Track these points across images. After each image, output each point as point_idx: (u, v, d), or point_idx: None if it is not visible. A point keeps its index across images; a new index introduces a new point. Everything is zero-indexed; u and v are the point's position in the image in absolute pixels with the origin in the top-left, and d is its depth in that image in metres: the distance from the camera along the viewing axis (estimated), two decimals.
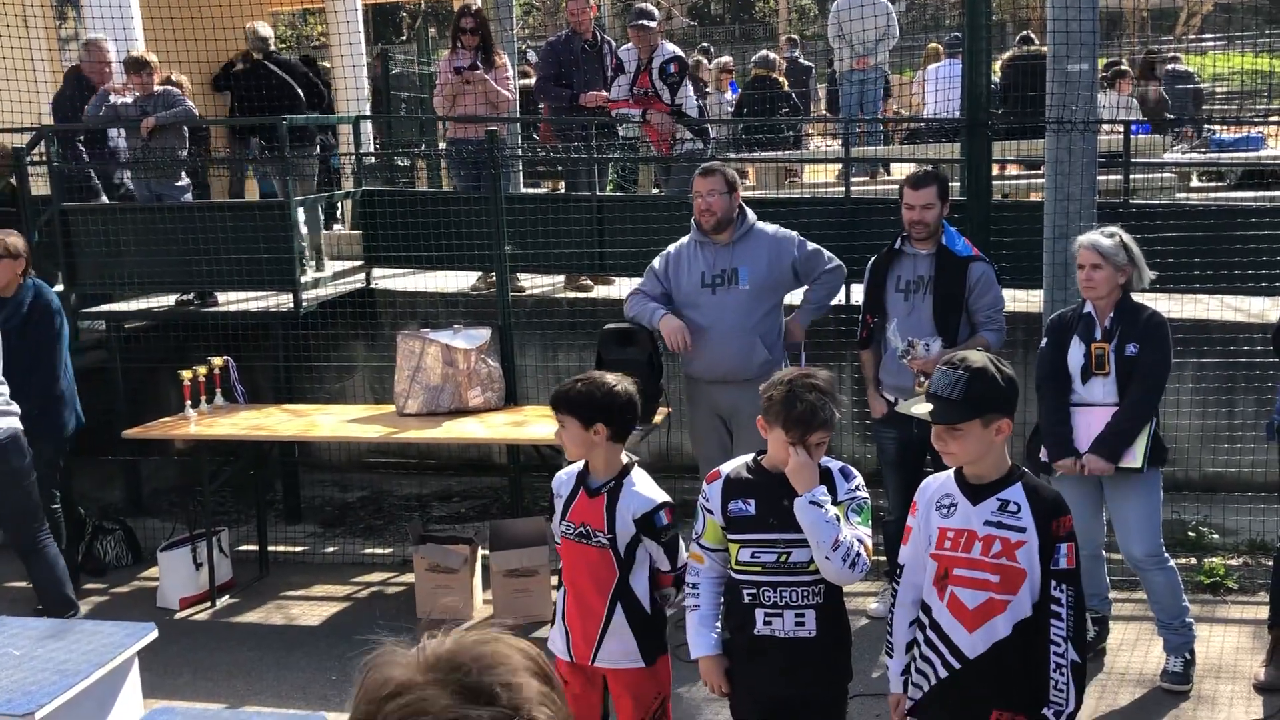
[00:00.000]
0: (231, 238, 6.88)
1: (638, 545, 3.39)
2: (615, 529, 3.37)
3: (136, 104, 7.56)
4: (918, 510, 3.14)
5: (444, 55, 8.22)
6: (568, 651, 3.47)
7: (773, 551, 3.15)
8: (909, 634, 3.11)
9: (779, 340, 5.23)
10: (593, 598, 3.40)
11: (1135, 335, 4.55)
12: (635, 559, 3.40)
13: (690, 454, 6.52)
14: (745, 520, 3.18)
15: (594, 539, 3.38)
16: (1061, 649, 2.92)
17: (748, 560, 3.19)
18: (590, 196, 7.28)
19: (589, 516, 3.40)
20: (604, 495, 3.40)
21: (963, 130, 6.01)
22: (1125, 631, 5.16)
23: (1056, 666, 2.92)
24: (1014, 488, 2.99)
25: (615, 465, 3.43)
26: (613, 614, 3.40)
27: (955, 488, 3.06)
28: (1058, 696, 2.92)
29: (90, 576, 6.42)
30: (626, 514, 3.37)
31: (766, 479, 3.18)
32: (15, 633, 4.06)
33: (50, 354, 5.73)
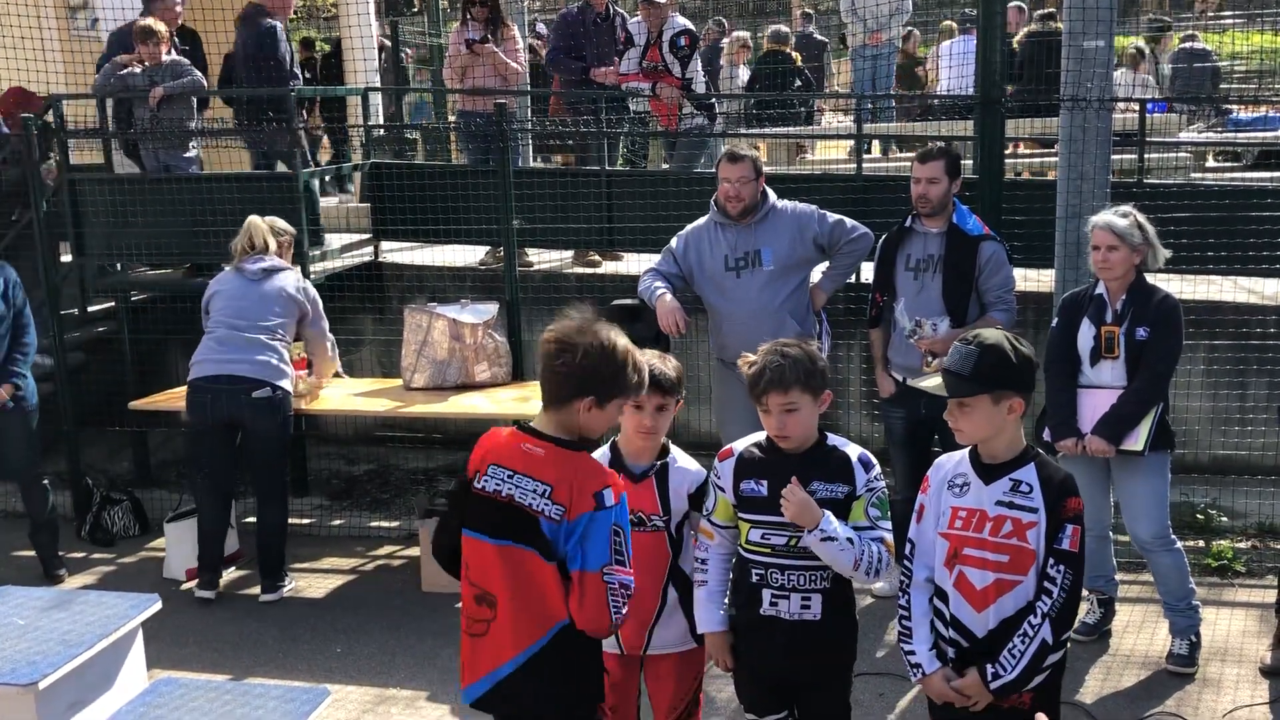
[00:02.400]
0: (240, 209, 6.85)
1: (685, 523, 3.36)
2: (670, 509, 3.32)
3: (145, 74, 7.53)
4: (930, 488, 3.11)
5: (454, 27, 8.17)
6: (617, 643, 3.36)
7: (783, 535, 3.13)
8: (929, 613, 3.07)
9: (809, 314, 5.18)
10: (646, 585, 3.28)
11: (1147, 319, 4.51)
12: (684, 537, 3.37)
13: (698, 430, 6.53)
14: (757, 501, 3.16)
15: (649, 524, 3.31)
16: (1037, 622, 2.91)
17: (758, 541, 3.17)
18: (599, 171, 7.24)
19: (640, 502, 3.29)
20: (651, 478, 3.33)
21: (976, 107, 5.94)
22: (1131, 613, 5.14)
23: (1023, 635, 2.92)
24: (1027, 468, 2.98)
25: (656, 446, 3.37)
26: (666, 598, 3.34)
27: (969, 467, 3.04)
28: (1005, 661, 2.92)
29: (97, 547, 6.45)
30: (681, 491, 3.33)
31: (780, 459, 3.14)
32: (20, 602, 4.08)
33: (28, 323, 5.77)
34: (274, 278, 5.61)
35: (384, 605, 5.54)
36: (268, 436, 5.53)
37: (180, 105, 7.56)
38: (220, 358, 5.47)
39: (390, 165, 7.76)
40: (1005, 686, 2.93)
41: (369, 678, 4.85)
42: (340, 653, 5.09)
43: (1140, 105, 7.54)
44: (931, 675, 3.05)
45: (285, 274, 5.69)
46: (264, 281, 5.58)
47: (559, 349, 2.87)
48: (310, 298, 5.71)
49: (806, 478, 3.09)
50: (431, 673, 4.84)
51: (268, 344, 5.49)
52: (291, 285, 5.64)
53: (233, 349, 5.47)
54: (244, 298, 5.56)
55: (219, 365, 5.47)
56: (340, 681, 4.78)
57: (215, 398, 5.46)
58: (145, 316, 7.50)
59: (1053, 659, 2.96)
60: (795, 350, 3.13)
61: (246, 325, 5.49)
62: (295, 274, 5.78)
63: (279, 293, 5.57)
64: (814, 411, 3.13)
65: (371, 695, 4.70)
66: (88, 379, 7.33)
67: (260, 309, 5.53)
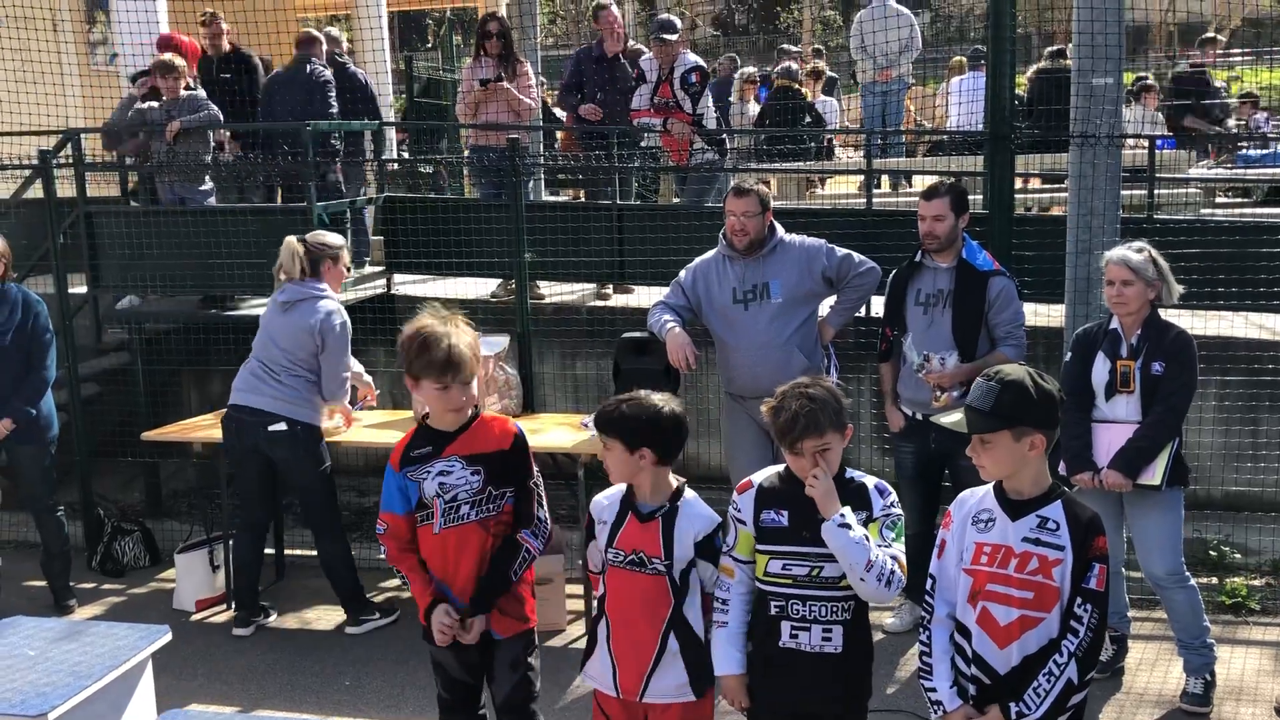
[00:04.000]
0: (254, 242, 6.91)
1: (691, 570, 3.30)
2: (673, 555, 3.27)
3: (163, 107, 7.62)
4: (952, 524, 3.10)
5: (467, 63, 8.26)
6: (614, 686, 3.34)
7: (805, 565, 3.11)
8: (950, 649, 3.05)
9: (816, 347, 5.19)
10: (644, 628, 3.28)
11: (1161, 353, 4.51)
12: (689, 585, 3.31)
13: (707, 463, 6.52)
14: (777, 531, 3.15)
15: (649, 566, 3.28)
16: (1063, 661, 2.89)
17: (778, 572, 3.15)
18: (610, 205, 7.29)
19: (642, 543, 3.28)
20: (658, 520, 3.30)
21: (985, 143, 5.97)
22: (1144, 651, 5.10)
23: (1048, 674, 2.90)
24: (1054, 505, 2.97)
25: (665, 488, 3.33)
26: (665, 645, 3.28)
27: (995, 503, 3.03)
28: (1030, 700, 2.90)
29: (108, 577, 6.46)
30: (687, 537, 3.28)
31: (799, 490, 3.13)
32: (30, 632, 4.08)
33: (44, 357, 5.75)
34: (296, 309, 5.49)
35: (392, 638, 5.53)
36: (295, 470, 5.52)
37: (197, 139, 7.64)
38: (246, 387, 5.51)
39: (403, 199, 7.82)
40: None
41: (377, 711, 4.83)
42: (348, 685, 5.08)
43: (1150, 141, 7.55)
44: (953, 713, 3.02)
45: (310, 305, 5.47)
46: (287, 314, 5.52)
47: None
48: (326, 329, 5.47)
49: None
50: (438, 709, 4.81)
51: (289, 379, 5.46)
52: (311, 318, 5.46)
53: (257, 380, 5.49)
54: (270, 329, 5.56)
55: (244, 395, 5.50)
56: (348, 715, 4.77)
57: (240, 426, 5.49)
58: (158, 347, 7.54)
59: (1076, 699, 2.93)
60: (819, 390, 3.12)
61: (269, 359, 5.50)
62: (323, 304, 5.49)
63: (297, 327, 5.49)
64: (842, 447, 3.13)
65: None
66: (101, 409, 7.37)
67: (283, 343, 5.50)
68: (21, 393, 5.65)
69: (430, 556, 3.57)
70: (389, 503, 3.58)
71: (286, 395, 5.46)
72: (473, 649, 3.61)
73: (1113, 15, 5.31)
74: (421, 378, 3.48)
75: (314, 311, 5.47)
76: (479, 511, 3.53)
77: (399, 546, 3.60)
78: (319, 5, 15.70)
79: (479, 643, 3.60)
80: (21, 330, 5.66)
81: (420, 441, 3.57)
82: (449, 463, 3.52)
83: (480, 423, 3.60)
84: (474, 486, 3.52)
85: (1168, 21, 20.40)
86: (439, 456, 3.53)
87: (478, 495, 3.52)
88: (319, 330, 5.47)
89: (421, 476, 3.52)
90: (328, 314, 5.48)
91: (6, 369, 5.63)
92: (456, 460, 3.52)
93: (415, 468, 3.54)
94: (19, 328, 5.65)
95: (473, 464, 3.52)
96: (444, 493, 3.51)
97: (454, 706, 3.74)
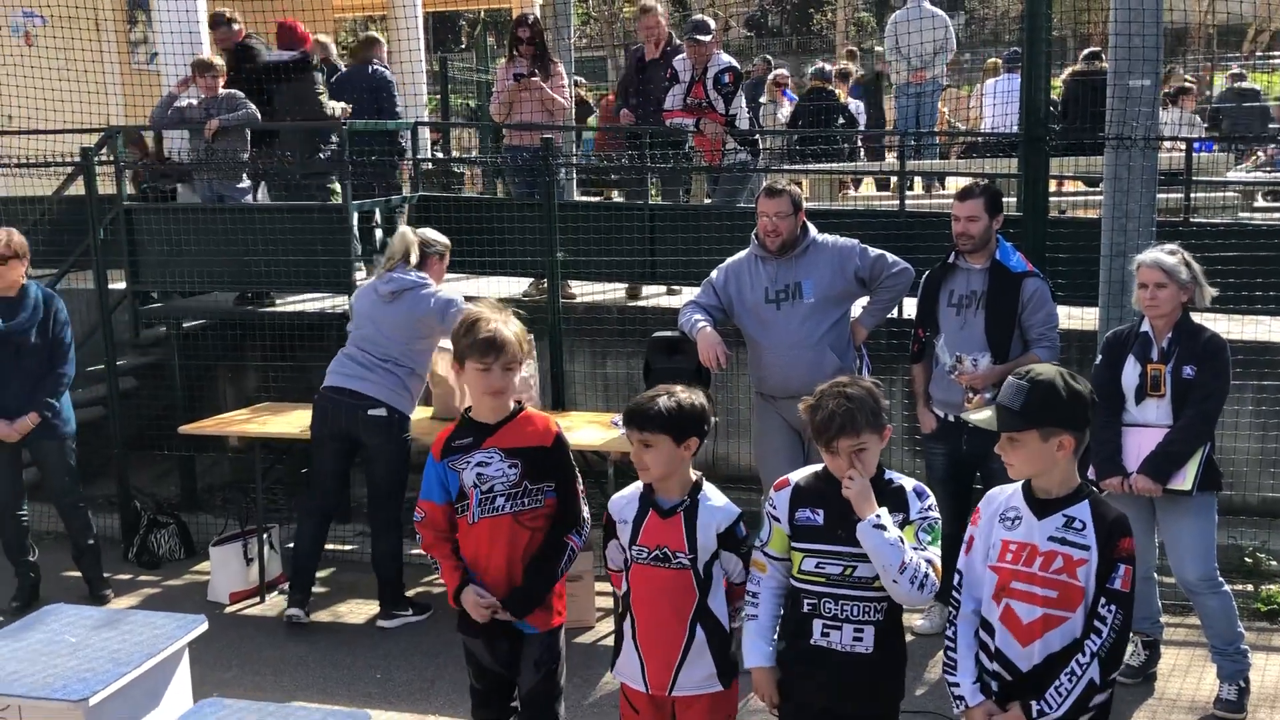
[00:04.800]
0: (290, 240, 7.00)
1: (714, 562, 3.33)
2: (697, 548, 3.30)
3: (201, 105, 7.72)
4: (980, 520, 3.11)
5: (501, 63, 8.31)
6: (642, 682, 3.36)
7: (838, 564, 3.13)
8: (974, 645, 3.06)
9: (849, 348, 5.18)
10: (671, 623, 3.31)
11: (1193, 357, 4.48)
12: (713, 577, 3.34)
13: (737, 464, 6.53)
14: (812, 530, 3.16)
15: (673, 561, 3.31)
16: (1086, 661, 2.89)
17: (812, 570, 3.16)
18: (642, 205, 7.32)
19: (666, 538, 3.32)
20: (680, 514, 3.32)
21: (1020, 145, 5.95)
22: (1177, 657, 5.06)
23: (1071, 674, 2.90)
24: (1080, 505, 2.97)
25: (687, 482, 3.37)
26: (693, 638, 3.31)
27: (1022, 501, 3.03)
28: (1051, 698, 2.90)
29: (144, 569, 6.55)
30: (709, 530, 3.31)
31: (835, 489, 3.14)
32: (71, 620, 4.16)
33: (65, 354, 5.84)
34: (403, 299, 5.50)
35: (423, 633, 5.57)
36: (381, 457, 5.55)
37: (235, 137, 7.73)
38: (346, 371, 5.54)
39: (437, 198, 7.88)
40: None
41: (408, 703, 4.88)
42: (380, 678, 5.13)
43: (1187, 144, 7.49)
44: (975, 708, 3.03)
45: (415, 295, 5.51)
46: (392, 304, 5.52)
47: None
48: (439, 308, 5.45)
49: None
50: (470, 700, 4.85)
51: (393, 367, 5.51)
52: (421, 307, 5.48)
53: (359, 366, 5.53)
54: (374, 321, 5.57)
55: (343, 378, 5.53)
56: (380, 707, 4.82)
57: (335, 408, 5.52)
58: (195, 343, 7.64)
59: (1098, 700, 2.94)
60: (858, 390, 3.12)
61: (374, 348, 5.53)
62: (428, 291, 5.52)
63: (406, 316, 5.50)
64: (879, 448, 3.14)
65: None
66: (138, 403, 7.48)
67: (388, 334, 5.52)
68: (44, 388, 5.74)
69: (465, 547, 3.61)
70: (428, 491, 3.62)
71: (389, 383, 5.51)
72: (504, 640, 3.65)
73: (1150, 16, 5.28)
74: (466, 357, 3.53)
75: (424, 300, 5.51)
76: (514, 505, 3.56)
77: (435, 534, 3.64)
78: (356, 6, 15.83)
79: (510, 635, 3.64)
80: (43, 327, 5.75)
81: (462, 432, 3.61)
82: (488, 454, 3.56)
83: (523, 417, 3.64)
84: (510, 479, 3.55)
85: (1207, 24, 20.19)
86: (479, 448, 3.57)
87: (514, 488, 3.56)
88: (435, 311, 5.46)
89: (461, 466, 3.57)
90: (446, 302, 5.50)
91: (30, 365, 5.72)
92: (496, 452, 3.56)
93: (455, 458, 3.58)
94: (40, 325, 5.74)
95: (511, 457, 3.56)
96: (481, 483, 3.55)
97: (486, 697, 3.78)
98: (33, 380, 5.72)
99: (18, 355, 5.70)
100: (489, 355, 3.50)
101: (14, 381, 5.69)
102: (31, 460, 5.96)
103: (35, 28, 9.38)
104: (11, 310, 5.72)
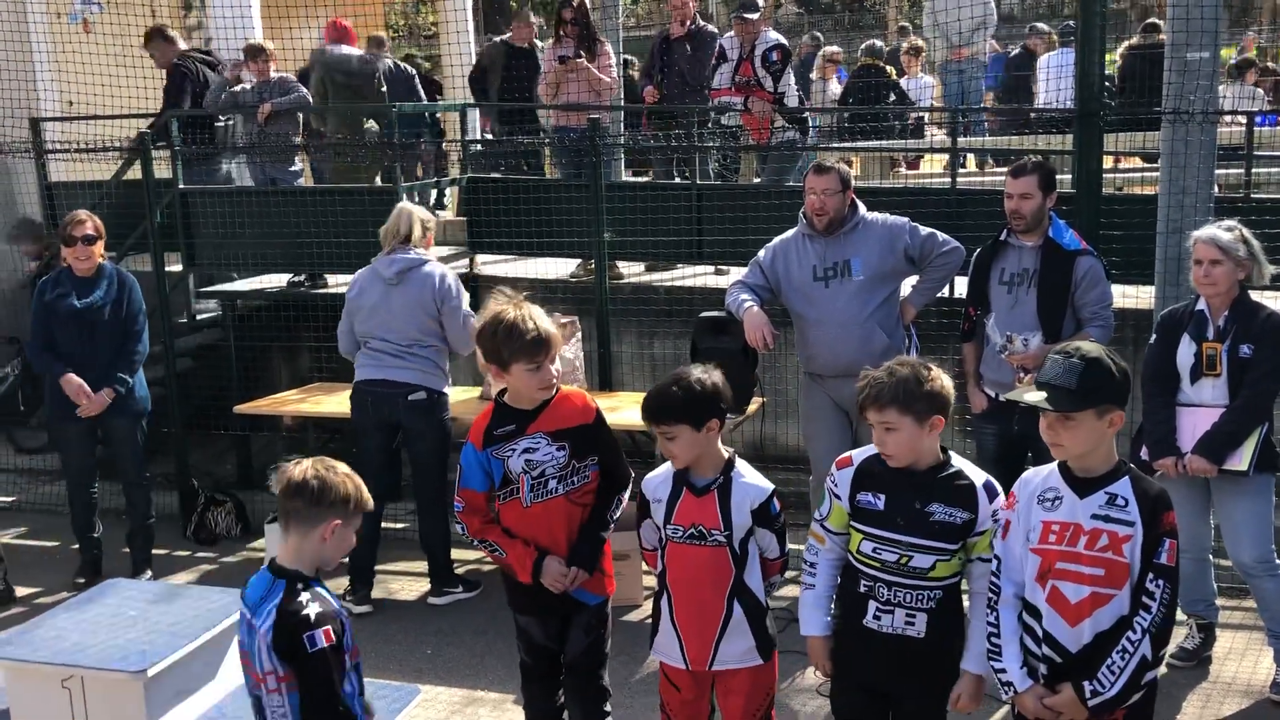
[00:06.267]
0: (341, 222, 7.08)
1: (749, 538, 3.36)
2: (732, 524, 3.32)
3: (255, 90, 7.82)
4: (1017, 504, 3.07)
5: (548, 44, 8.33)
6: (682, 658, 3.40)
7: (894, 551, 3.11)
8: (1018, 629, 3.03)
9: (898, 326, 5.14)
10: (709, 599, 3.34)
11: (1251, 336, 4.40)
12: (748, 553, 3.36)
13: (785, 443, 6.51)
14: (872, 514, 3.16)
15: (709, 538, 3.33)
16: (1137, 638, 2.86)
17: (869, 553, 3.16)
18: (689, 185, 7.30)
19: (701, 516, 3.34)
20: (714, 492, 3.35)
21: (1074, 120, 5.85)
22: (1233, 640, 4.99)
23: (1122, 650, 2.87)
24: (1121, 481, 2.94)
25: (719, 460, 3.38)
26: (731, 613, 3.33)
27: (1060, 481, 3.00)
28: (1105, 677, 2.87)
29: (202, 546, 6.69)
30: (743, 506, 3.33)
31: (898, 474, 3.13)
32: (130, 594, 4.27)
33: (139, 332, 5.99)
34: (409, 280, 5.54)
35: (473, 610, 5.64)
36: (424, 439, 5.63)
37: (287, 121, 7.83)
38: (376, 364, 5.59)
39: (486, 179, 7.92)
40: (1103, 704, 2.88)
41: (458, 679, 4.95)
42: (430, 654, 5.20)
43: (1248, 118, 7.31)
44: (1024, 693, 3.00)
45: (418, 274, 5.56)
46: (401, 286, 5.55)
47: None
48: (444, 294, 5.56)
49: (926, 499, 3.10)
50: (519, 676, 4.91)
51: (420, 350, 5.57)
52: (424, 287, 5.54)
53: (387, 356, 5.57)
54: (387, 309, 5.56)
55: (378, 370, 5.58)
56: (430, 682, 4.89)
57: (376, 400, 5.60)
58: (250, 324, 7.77)
59: (1150, 676, 2.91)
60: (905, 370, 3.11)
61: (396, 336, 5.56)
62: (429, 269, 5.60)
63: (414, 300, 5.54)
64: (918, 433, 3.09)
65: (460, 696, 4.80)
66: (195, 384, 7.62)
67: (404, 319, 5.55)
68: (118, 365, 5.88)
69: (521, 531, 3.63)
70: (469, 479, 3.65)
71: (422, 366, 5.57)
72: (556, 616, 3.70)
73: None
74: (514, 362, 3.53)
75: (427, 279, 5.56)
76: (565, 485, 3.61)
77: (482, 520, 3.68)
78: None
79: (562, 609, 3.68)
80: (118, 306, 5.90)
81: (502, 420, 3.62)
82: (534, 440, 3.58)
83: (561, 398, 3.66)
84: (560, 461, 3.59)
85: None
86: (523, 434, 3.59)
87: (564, 470, 3.59)
88: (437, 295, 5.55)
89: (506, 454, 3.59)
90: (440, 277, 5.58)
91: (106, 343, 5.87)
92: (542, 437, 3.58)
93: (499, 446, 3.60)
94: (115, 304, 5.88)
95: (558, 439, 3.59)
96: (530, 469, 3.58)
97: (536, 671, 3.83)
98: (108, 358, 5.87)
99: (93, 333, 5.86)
100: (539, 354, 3.52)
101: (91, 359, 5.85)
102: (102, 437, 6.10)
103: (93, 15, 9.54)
104: (89, 289, 5.87)
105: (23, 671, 3.80)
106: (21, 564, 6.36)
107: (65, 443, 6.09)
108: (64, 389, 5.79)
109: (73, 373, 5.79)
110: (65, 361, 5.83)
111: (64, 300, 5.82)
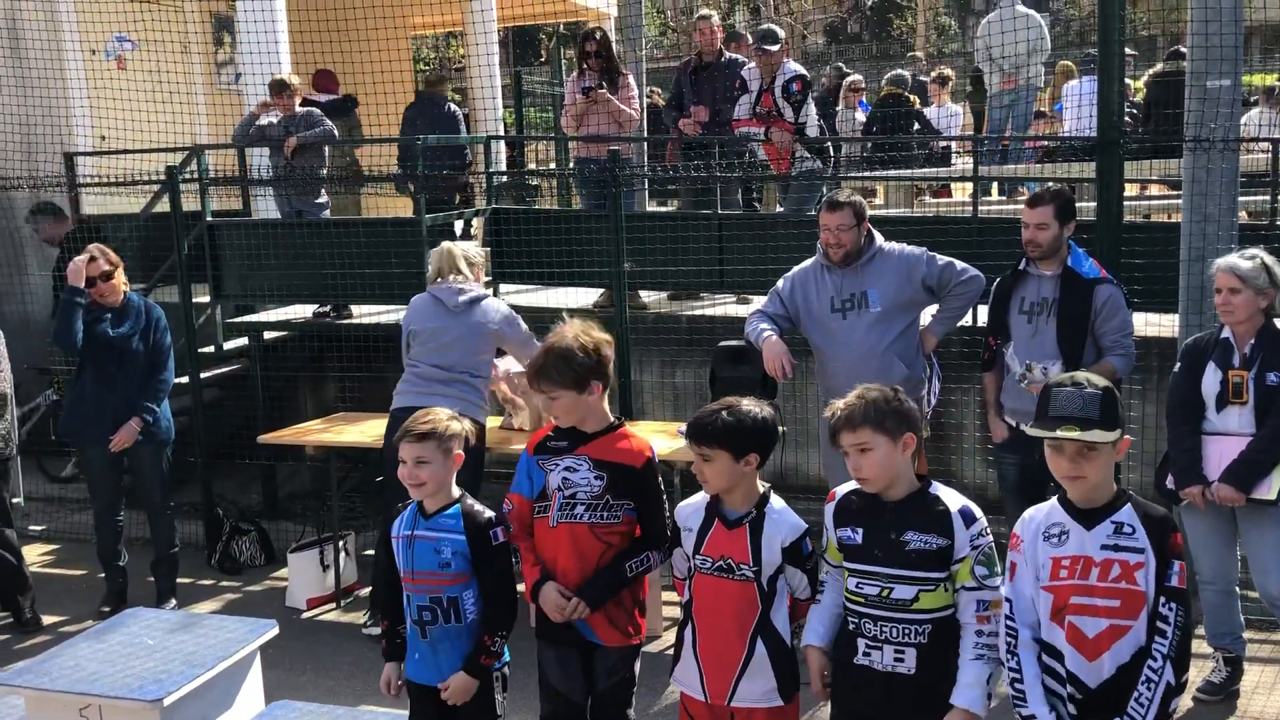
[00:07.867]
0: (366, 253, 7.15)
1: (778, 576, 3.31)
2: (761, 560, 3.28)
3: (281, 124, 7.93)
4: (1022, 544, 3.02)
5: (571, 76, 8.41)
6: (702, 690, 3.35)
7: (876, 584, 3.08)
8: (1039, 672, 2.97)
9: (918, 356, 5.13)
10: (732, 634, 3.29)
11: (1277, 363, 4.35)
12: (777, 591, 3.31)
13: (806, 473, 6.48)
14: (853, 549, 3.13)
15: (737, 572, 3.29)
16: (1159, 665, 2.82)
17: (853, 589, 3.13)
18: (711, 215, 7.32)
19: (730, 549, 3.29)
20: (745, 526, 3.31)
21: (1095, 149, 5.83)
22: (1261, 674, 4.90)
23: (1147, 681, 2.82)
24: (1125, 509, 2.91)
25: (754, 494, 3.34)
26: (753, 651, 3.27)
27: (1064, 514, 2.96)
28: (1135, 711, 2.82)
29: (225, 575, 6.73)
30: (774, 543, 3.28)
31: (874, 506, 3.11)
32: (149, 623, 4.30)
33: (165, 362, 6.06)
34: (474, 310, 5.53)
35: None
36: (465, 469, 5.58)
37: (313, 154, 7.93)
38: (419, 390, 5.53)
39: (510, 210, 7.99)
40: None
41: None
42: None
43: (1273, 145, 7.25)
44: None
45: (479, 307, 5.56)
46: (467, 314, 5.51)
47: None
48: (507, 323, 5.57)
49: (902, 527, 3.06)
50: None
51: (468, 378, 5.55)
52: (492, 320, 5.54)
53: (436, 384, 5.52)
54: (449, 334, 5.53)
55: (418, 396, 5.47)
56: None
57: None
58: (276, 354, 7.85)
59: (1177, 701, 2.87)
60: (875, 393, 3.12)
61: (451, 363, 5.51)
62: (489, 304, 5.63)
63: (482, 329, 5.54)
64: (892, 453, 3.07)
65: None
66: (221, 414, 7.69)
67: (465, 347, 5.52)
68: (145, 394, 5.96)
69: (543, 549, 3.64)
70: (517, 484, 3.69)
71: (466, 394, 5.53)
72: (574, 654, 3.66)
73: (1228, 15, 5.14)
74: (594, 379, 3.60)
75: (489, 312, 5.57)
76: (593, 515, 3.57)
77: (520, 526, 3.68)
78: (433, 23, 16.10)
79: (580, 649, 3.65)
80: (145, 336, 5.98)
81: (560, 434, 3.66)
82: (578, 460, 3.58)
83: (621, 433, 3.65)
84: (594, 490, 3.56)
85: None
86: (571, 453, 3.60)
87: (596, 499, 3.56)
88: (500, 325, 5.56)
89: (550, 467, 3.61)
90: (499, 313, 5.60)
91: (133, 373, 5.95)
92: (585, 460, 3.58)
93: (546, 457, 3.63)
94: (143, 333, 5.97)
95: (599, 468, 3.57)
96: (564, 488, 3.58)
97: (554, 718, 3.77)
98: (135, 386, 5.95)
99: (121, 362, 5.94)
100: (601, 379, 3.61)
101: (119, 387, 5.93)
102: (128, 465, 6.17)
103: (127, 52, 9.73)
104: (117, 319, 5.96)
105: (42, 700, 3.83)
106: (51, 592, 6.43)
107: (91, 470, 6.17)
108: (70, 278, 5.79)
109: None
110: (94, 384, 5.91)
111: (99, 325, 5.92)
